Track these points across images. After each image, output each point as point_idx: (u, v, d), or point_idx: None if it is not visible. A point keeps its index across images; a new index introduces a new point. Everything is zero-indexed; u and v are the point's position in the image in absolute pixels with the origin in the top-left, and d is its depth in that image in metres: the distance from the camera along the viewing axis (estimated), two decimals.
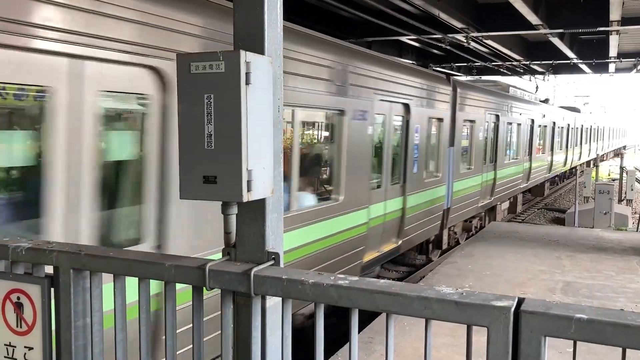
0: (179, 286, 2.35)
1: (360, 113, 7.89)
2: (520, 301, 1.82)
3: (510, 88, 18.59)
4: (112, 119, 4.37)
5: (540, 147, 22.21)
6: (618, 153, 57.22)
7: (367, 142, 8.21)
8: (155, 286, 2.50)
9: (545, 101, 26.20)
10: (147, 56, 4.36)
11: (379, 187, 8.89)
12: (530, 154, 19.94)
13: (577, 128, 30.65)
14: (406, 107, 9.74)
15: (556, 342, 1.77)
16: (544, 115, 22.21)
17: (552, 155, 24.39)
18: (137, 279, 2.39)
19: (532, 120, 19.95)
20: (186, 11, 4.75)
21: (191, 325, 2.32)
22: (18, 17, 3.53)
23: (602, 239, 12.38)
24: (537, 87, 25.39)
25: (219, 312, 2.31)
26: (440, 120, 11.60)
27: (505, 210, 18.28)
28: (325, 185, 7.72)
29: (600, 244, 11.74)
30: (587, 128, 35.29)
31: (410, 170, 10.03)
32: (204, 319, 2.35)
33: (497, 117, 15.71)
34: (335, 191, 7.61)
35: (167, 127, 4.58)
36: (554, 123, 24.11)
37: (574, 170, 34.37)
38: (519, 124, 17.95)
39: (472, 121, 13.67)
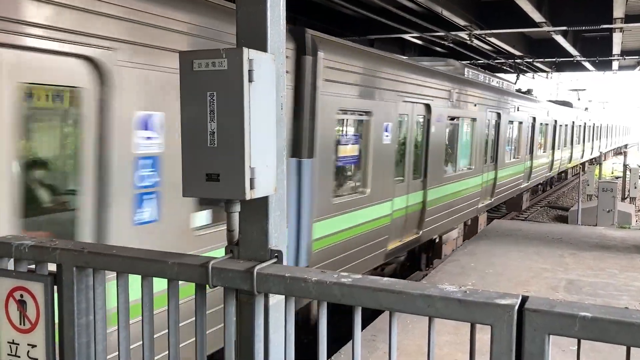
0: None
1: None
2: (524, 299, 1.81)
3: (467, 70, 13.14)
4: (35, 116, 3.87)
5: (513, 149, 17.24)
6: (619, 152, 54.29)
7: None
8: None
9: (528, 92, 21.78)
10: (81, 44, 3.79)
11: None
12: (496, 160, 15.07)
13: (567, 125, 26.44)
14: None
15: (559, 340, 1.76)
16: (518, 109, 17.29)
17: (531, 159, 19.49)
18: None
19: (498, 115, 14.91)
20: None
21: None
22: None
23: (606, 237, 12.35)
24: (517, 77, 22.07)
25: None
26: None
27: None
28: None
29: (604, 242, 11.72)
30: (580, 125, 31.42)
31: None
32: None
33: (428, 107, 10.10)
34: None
35: (105, 124, 3.97)
36: (534, 119, 19.37)
37: (563, 174, 31.48)
38: (473, 119, 12.80)
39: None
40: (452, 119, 11.58)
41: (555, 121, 22.86)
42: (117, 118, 4.01)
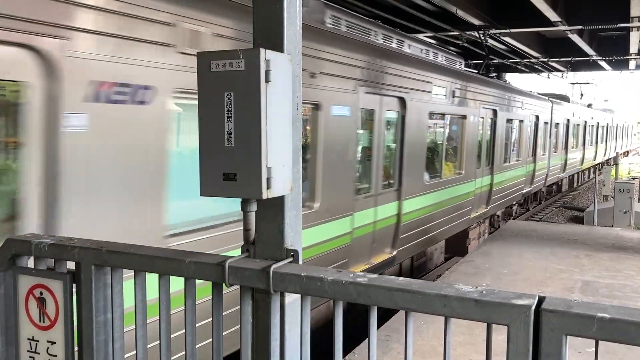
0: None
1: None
2: (541, 299, 1.80)
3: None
4: None
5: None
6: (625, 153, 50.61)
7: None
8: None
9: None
10: (25, 33, 3.43)
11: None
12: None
13: (558, 124, 21.45)
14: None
15: (575, 341, 1.75)
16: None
17: (491, 175, 13.59)
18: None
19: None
20: None
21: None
22: None
23: (622, 238, 12.22)
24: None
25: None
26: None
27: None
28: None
29: (620, 243, 11.59)
30: (578, 124, 25.81)
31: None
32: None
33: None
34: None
35: (51, 122, 3.62)
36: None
37: (554, 187, 25.04)
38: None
39: None
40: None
41: (537, 117, 18.06)
42: None
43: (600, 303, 1.77)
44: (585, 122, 27.63)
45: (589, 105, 32.19)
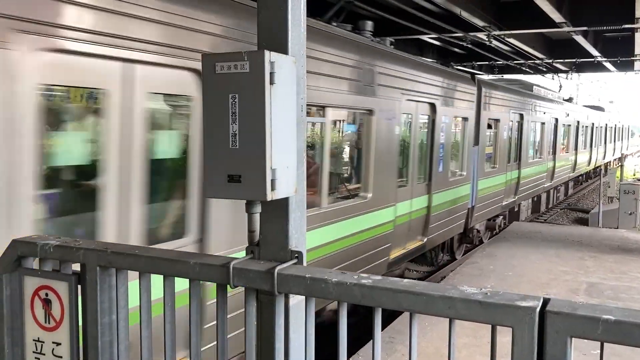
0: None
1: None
2: (546, 301, 1.80)
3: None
4: None
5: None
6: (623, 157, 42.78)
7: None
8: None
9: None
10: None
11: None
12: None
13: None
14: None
15: (580, 343, 1.75)
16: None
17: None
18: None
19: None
20: None
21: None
22: None
23: (627, 239, 12.17)
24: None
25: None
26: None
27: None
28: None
29: (625, 244, 11.55)
30: (569, 125, 22.81)
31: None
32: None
33: None
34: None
35: None
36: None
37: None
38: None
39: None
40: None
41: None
42: None
43: (605, 305, 1.77)
44: (556, 120, 20.35)
45: (569, 100, 25.65)
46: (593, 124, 28.11)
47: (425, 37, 15.65)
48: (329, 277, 2.10)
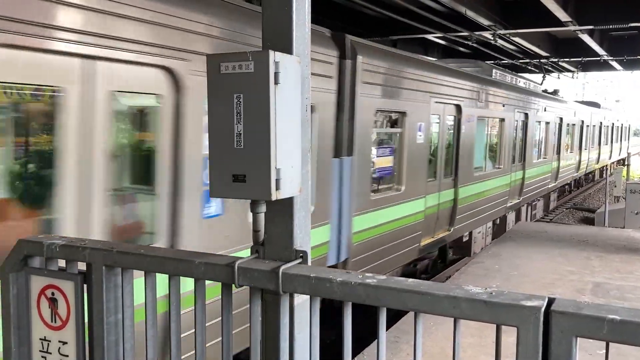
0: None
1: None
2: (551, 301, 1.80)
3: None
4: None
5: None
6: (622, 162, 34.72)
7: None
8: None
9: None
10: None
11: None
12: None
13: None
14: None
15: (586, 343, 1.75)
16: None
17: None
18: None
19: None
20: None
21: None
22: None
23: (634, 239, 12.11)
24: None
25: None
26: None
27: None
28: None
29: (632, 244, 11.50)
30: (547, 122, 18.13)
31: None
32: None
33: None
34: None
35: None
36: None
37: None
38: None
39: None
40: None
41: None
42: None
43: (610, 305, 1.76)
44: (526, 115, 15.69)
45: (554, 92, 21.33)
46: (583, 121, 23.84)
47: (430, 36, 15.63)
48: (334, 276, 2.10)
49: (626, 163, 25.64)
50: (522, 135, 15.46)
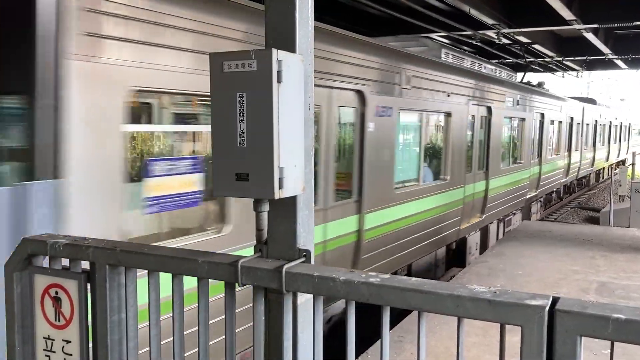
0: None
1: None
2: (555, 300, 1.79)
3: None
4: None
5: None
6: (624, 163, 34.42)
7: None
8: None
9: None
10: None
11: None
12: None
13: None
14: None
15: (591, 342, 1.73)
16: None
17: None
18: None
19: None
20: None
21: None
22: None
23: (639, 239, 12.07)
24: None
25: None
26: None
27: None
28: None
29: (637, 243, 11.45)
30: (523, 119, 15.22)
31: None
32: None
33: None
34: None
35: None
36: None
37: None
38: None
39: None
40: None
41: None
42: None
43: (615, 304, 1.75)
44: (489, 110, 12.50)
45: (539, 85, 19.14)
46: (572, 118, 21.19)
47: (434, 35, 15.59)
48: (337, 275, 2.10)
49: (632, 162, 25.51)
50: (471, 135, 11.77)
